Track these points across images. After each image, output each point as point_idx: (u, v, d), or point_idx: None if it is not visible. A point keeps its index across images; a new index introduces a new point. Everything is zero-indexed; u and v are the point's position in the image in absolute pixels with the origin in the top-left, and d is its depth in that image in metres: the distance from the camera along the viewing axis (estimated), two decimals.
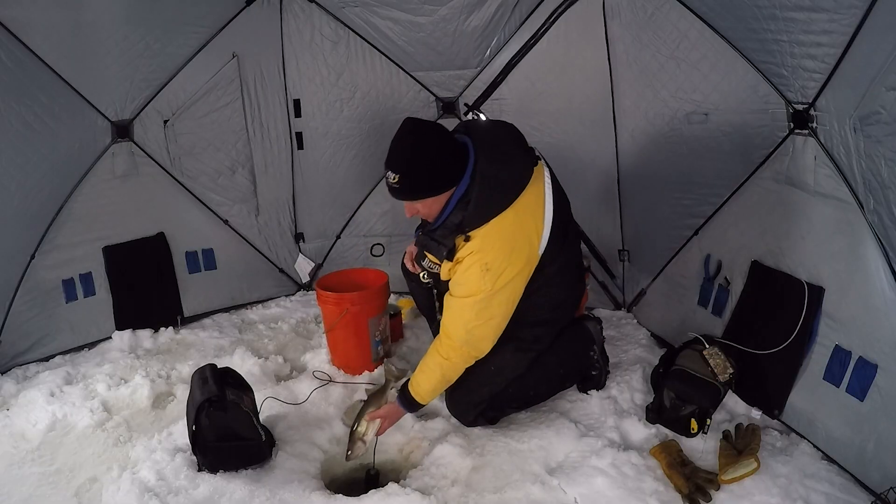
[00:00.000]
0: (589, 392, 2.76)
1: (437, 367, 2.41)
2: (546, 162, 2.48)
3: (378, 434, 2.45)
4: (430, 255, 2.49)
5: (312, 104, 3.80)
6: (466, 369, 2.48)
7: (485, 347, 2.39)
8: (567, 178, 3.48)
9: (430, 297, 2.84)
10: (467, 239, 2.26)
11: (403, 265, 2.89)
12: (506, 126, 2.44)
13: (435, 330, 3.00)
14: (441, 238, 2.32)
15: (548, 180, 2.40)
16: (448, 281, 2.42)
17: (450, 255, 2.30)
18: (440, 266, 2.44)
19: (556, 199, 2.39)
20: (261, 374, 3.01)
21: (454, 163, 2.22)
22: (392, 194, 2.29)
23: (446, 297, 2.41)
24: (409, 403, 2.47)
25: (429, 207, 2.28)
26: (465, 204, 2.24)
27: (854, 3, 1.94)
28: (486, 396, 2.56)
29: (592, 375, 2.78)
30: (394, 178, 2.20)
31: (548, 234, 2.32)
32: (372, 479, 2.50)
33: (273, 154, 3.84)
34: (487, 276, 2.22)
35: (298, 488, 2.28)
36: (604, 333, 2.86)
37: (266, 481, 2.32)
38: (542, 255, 2.33)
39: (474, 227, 2.22)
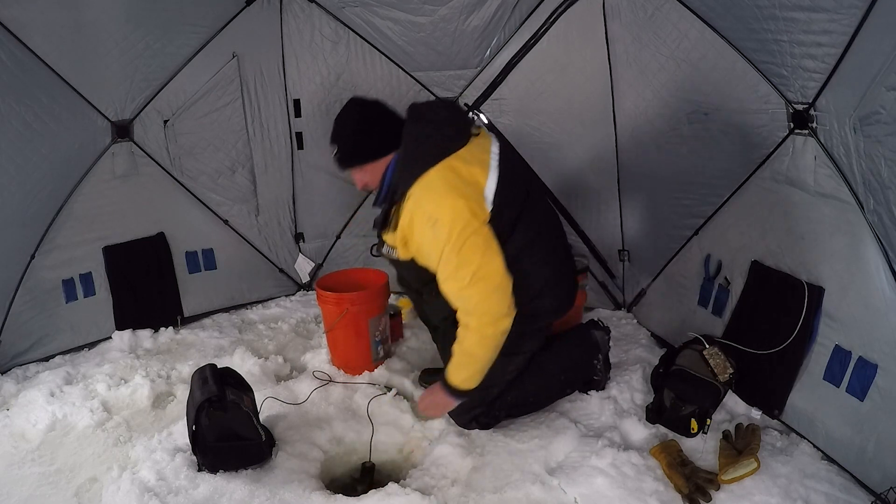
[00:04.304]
0: (589, 392, 2.76)
1: (459, 340, 2.27)
2: (499, 139, 2.46)
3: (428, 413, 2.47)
4: (388, 234, 2.38)
5: (312, 104, 3.80)
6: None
7: (494, 309, 2.18)
8: (567, 178, 3.55)
9: None
10: (403, 198, 2.22)
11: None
12: (445, 102, 2.53)
13: (436, 338, 2.97)
14: (381, 205, 2.33)
15: (494, 150, 2.35)
16: (408, 268, 2.37)
17: (386, 219, 2.29)
18: (396, 250, 2.36)
19: (509, 164, 2.34)
20: (261, 374, 3.01)
21: (385, 132, 2.29)
22: (336, 166, 2.42)
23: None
24: (450, 390, 2.36)
25: (371, 175, 2.35)
26: (398, 167, 2.29)
27: (854, 3, 1.94)
28: (479, 402, 2.51)
29: (593, 380, 2.76)
30: (334, 151, 2.37)
31: (494, 186, 2.23)
32: (367, 472, 2.50)
33: (273, 154, 3.84)
34: (439, 228, 2.12)
35: (298, 488, 2.28)
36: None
37: (266, 481, 2.32)
38: (499, 221, 2.22)
39: (407, 184, 2.20)
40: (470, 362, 2.30)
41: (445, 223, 2.13)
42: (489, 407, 2.54)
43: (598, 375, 2.75)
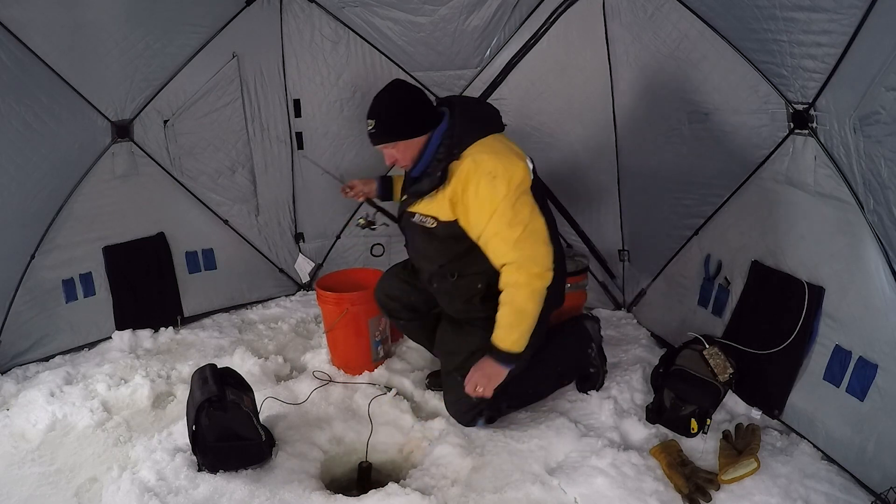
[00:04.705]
0: (589, 392, 2.76)
1: (509, 301, 2.30)
2: None
3: (484, 394, 2.39)
4: (420, 204, 2.41)
5: (312, 104, 3.79)
6: (459, 373, 2.46)
7: (543, 260, 2.29)
8: (567, 178, 3.55)
9: (423, 329, 2.85)
10: (458, 158, 2.30)
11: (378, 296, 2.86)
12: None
13: (433, 349, 2.97)
14: (432, 172, 2.36)
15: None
16: (441, 237, 2.39)
17: (443, 175, 2.32)
18: (434, 219, 2.38)
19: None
20: (261, 374, 3.01)
21: (426, 112, 2.38)
22: (371, 141, 2.44)
23: (482, 243, 2.34)
24: (501, 357, 2.34)
25: (403, 152, 2.39)
26: (449, 135, 2.35)
27: (854, 3, 1.94)
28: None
29: (590, 374, 2.78)
30: (371, 125, 2.38)
31: (531, 163, 2.40)
32: (364, 472, 2.50)
33: (273, 154, 3.84)
34: (499, 182, 2.24)
35: (298, 488, 2.28)
36: (604, 333, 2.86)
37: (266, 481, 2.32)
38: (534, 193, 2.37)
39: (465, 145, 2.30)
40: (521, 320, 2.31)
41: (504, 179, 2.24)
42: (493, 400, 2.54)
43: (595, 367, 2.76)
